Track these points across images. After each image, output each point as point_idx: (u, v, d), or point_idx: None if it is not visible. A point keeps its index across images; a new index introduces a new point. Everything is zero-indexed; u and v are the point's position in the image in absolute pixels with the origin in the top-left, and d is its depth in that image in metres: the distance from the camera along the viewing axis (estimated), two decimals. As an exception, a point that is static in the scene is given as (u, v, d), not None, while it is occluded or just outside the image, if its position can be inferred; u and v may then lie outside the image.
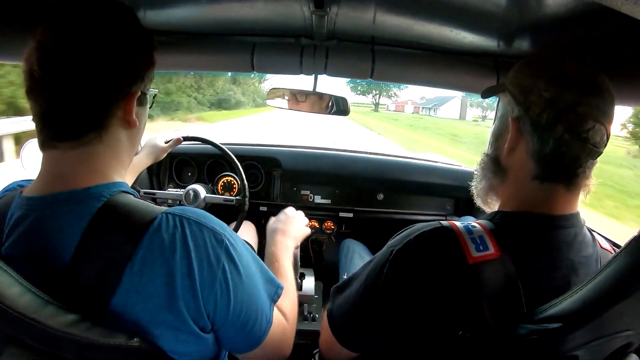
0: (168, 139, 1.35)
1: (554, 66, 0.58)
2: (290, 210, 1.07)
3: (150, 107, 0.65)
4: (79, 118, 0.52)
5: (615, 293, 0.44)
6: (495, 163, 0.66)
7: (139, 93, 0.57)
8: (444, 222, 0.60)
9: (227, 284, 0.54)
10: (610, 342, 0.48)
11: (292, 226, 1.00)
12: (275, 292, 0.65)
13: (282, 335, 0.66)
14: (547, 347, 0.46)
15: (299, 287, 1.37)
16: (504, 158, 0.64)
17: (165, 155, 1.27)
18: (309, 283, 1.43)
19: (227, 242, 0.55)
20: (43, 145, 0.53)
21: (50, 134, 0.52)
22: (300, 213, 1.09)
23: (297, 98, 1.24)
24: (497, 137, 0.66)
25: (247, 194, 1.42)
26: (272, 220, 1.03)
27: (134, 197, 0.55)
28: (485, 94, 0.74)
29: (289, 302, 0.75)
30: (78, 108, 0.51)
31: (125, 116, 0.56)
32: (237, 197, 1.45)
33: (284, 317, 0.69)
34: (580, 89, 0.56)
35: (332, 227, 1.75)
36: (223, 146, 1.47)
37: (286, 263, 0.85)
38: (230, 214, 1.45)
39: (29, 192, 0.53)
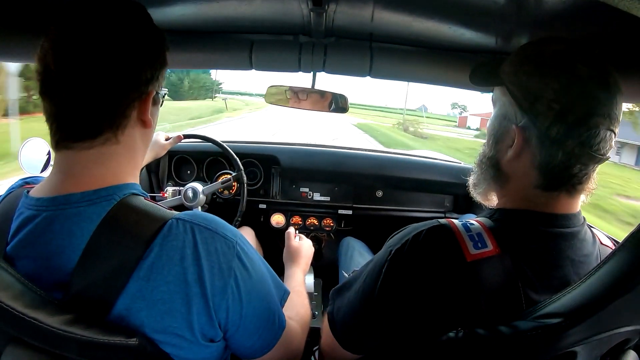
0: (168, 137, 1.35)
1: (563, 71, 0.54)
2: (294, 243, 1.13)
3: (160, 106, 0.64)
4: (96, 117, 0.51)
5: (614, 289, 0.44)
6: (495, 167, 0.63)
7: (154, 93, 0.57)
8: (442, 220, 0.59)
9: (239, 290, 0.53)
10: (609, 338, 0.48)
11: (301, 258, 1.08)
12: (282, 296, 0.65)
13: (293, 338, 0.66)
14: (546, 343, 0.46)
15: None
16: (505, 163, 0.61)
17: (165, 152, 1.27)
18: (309, 280, 1.43)
19: (238, 248, 0.55)
20: (57, 146, 0.52)
21: (66, 134, 0.51)
22: (306, 242, 1.17)
23: (299, 96, 1.24)
24: (498, 139, 0.62)
25: (242, 167, 1.48)
26: (285, 254, 1.12)
27: (145, 199, 0.55)
28: (477, 81, 0.69)
29: (300, 306, 0.76)
30: (95, 107, 0.51)
31: (141, 116, 0.56)
32: (234, 174, 1.49)
33: (294, 320, 0.69)
34: (593, 99, 0.53)
35: (331, 224, 1.75)
36: (222, 143, 1.48)
37: (298, 277, 0.97)
38: (231, 211, 1.45)
39: (38, 192, 0.52)
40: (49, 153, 1.30)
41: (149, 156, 1.27)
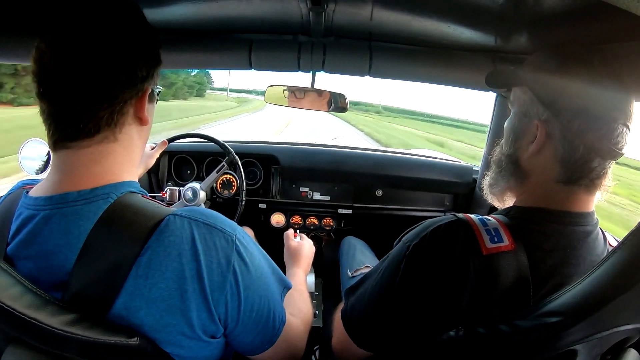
0: (153, 146, 1.33)
1: (584, 68, 0.57)
2: (293, 243, 1.15)
3: (156, 104, 0.64)
4: (93, 116, 0.51)
5: (614, 287, 0.44)
6: (515, 164, 0.65)
7: (150, 90, 0.57)
8: (460, 215, 0.60)
9: (237, 285, 0.53)
10: (609, 337, 0.48)
11: (302, 257, 1.09)
12: (282, 291, 0.65)
13: (295, 335, 0.66)
14: (546, 341, 0.46)
15: None
16: (525, 160, 0.63)
17: (154, 161, 1.25)
18: (309, 280, 1.43)
19: (237, 242, 0.55)
20: (55, 145, 0.52)
21: (64, 134, 0.51)
22: (307, 242, 1.19)
23: (296, 95, 1.24)
24: (517, 136, 0.64)
25: (231, 149, 1.50)
26: (285, 255, 1.13)
27: (143, 197, 0.55)
28: (494, 84, 0.71)
29: (303, 304, 0.76)
30: (93, 105, 0.51)
31: (138, 113, 0.56)
32: (225, 158, 1.51)
33: (296, 317, 0.69)
34: (611, 94, 0.56)
35: (331, 223, 1.75)
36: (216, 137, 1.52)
37: (299, 277, 0.98)
38: (231, 210, 1.45)
39: (36, 192, 0.52)
40: (48, 154, 1.30)
41: (140, 170, 1.23)
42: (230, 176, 1.67)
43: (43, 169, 1.28)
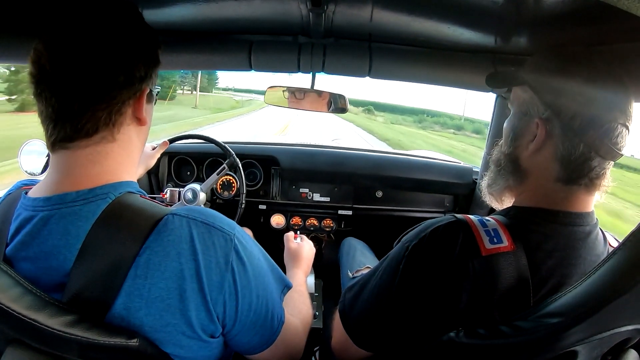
0: (154, 146, 1.33)
1: (585, 67, 0.57)
2: (294, 245, 1.15)
3: (154, 104, 0.64)
4: (92, 116, 0.51)
5: (615, 288, 0.44)
6: (514, 163, 0.65)
7: (148, 90, 0.57)
8: (459, 216, 0.60)
9: (235, 285, 0.53)
10: (609, 337, 0.48)
11: (302, 259, 1.09)
12: (282, 290, 0.65)
13: (294, 335, 0.66)
14: (546, 342, 0.46)
15: None
16: (525, 159, 0.63)
17: (154, 162, 1.25)
18: (309, 281, 1.43)
19: (236, 241, 0.55)
20: (53, 146, 0.52)
21: (62, 134, 0.51)
22: (307, 243, 1.19)
23: (296, 96, 1.24)
24: (517, 135, 0.64)
25: (232, 151, 1.51)
26: (285, 256, 1.13)
27: (141, 197, 0.55)
28: (495, 84, 0.72)
29: (302, 305, 0.76)
30: (91, 106, 0.51)
31: (136, 113, 0.56)
32: (226, 160, 1.51)
33: (295, 317, 0.69)
34: (612, 93, 0.56)
35: (331, 225, 1.75)
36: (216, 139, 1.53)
37: (299, 278, 0.98)
38: (231, 212, 1.45)
39: (35, 193, 0.52)
40: (48, 155, 1.30)
41: (140, 170, 1.22)
42: (231, 177, 1.67)
43: (43, 169, 1.28)
